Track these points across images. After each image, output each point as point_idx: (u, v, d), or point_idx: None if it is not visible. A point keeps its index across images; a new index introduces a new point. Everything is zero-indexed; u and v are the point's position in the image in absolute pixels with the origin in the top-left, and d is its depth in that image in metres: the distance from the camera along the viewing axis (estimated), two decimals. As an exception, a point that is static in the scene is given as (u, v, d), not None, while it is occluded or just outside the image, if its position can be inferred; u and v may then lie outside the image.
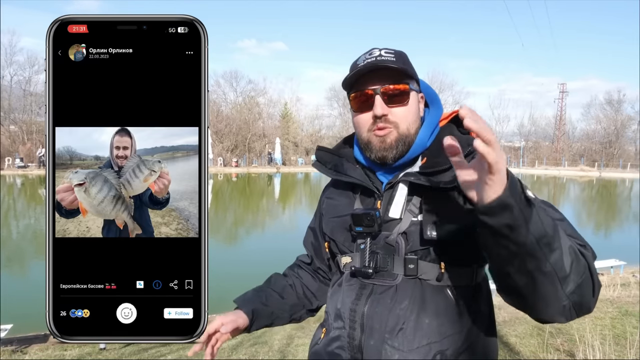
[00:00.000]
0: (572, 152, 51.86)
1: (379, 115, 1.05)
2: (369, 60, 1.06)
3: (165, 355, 4.76)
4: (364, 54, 1.10)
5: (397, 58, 1.07)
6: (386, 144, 1.07)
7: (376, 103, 1.06)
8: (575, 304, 0.84)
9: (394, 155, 1.08)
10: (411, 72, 1.08)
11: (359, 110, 1.10)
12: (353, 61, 1.12)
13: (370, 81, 1.07)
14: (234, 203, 21.59)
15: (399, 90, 1.07)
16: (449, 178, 1.02)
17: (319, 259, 1.33)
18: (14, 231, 14.03)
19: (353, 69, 1.09)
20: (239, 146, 41.82)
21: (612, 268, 8.70)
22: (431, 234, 0.99)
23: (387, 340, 1.00)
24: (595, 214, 20.51)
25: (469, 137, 1.10)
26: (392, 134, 1.07)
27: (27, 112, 36.30)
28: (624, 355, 3.56)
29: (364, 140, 1.11)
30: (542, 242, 0.77)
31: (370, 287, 1.06)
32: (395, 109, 1.07)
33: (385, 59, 1.05)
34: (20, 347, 5.37)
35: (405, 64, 1.08)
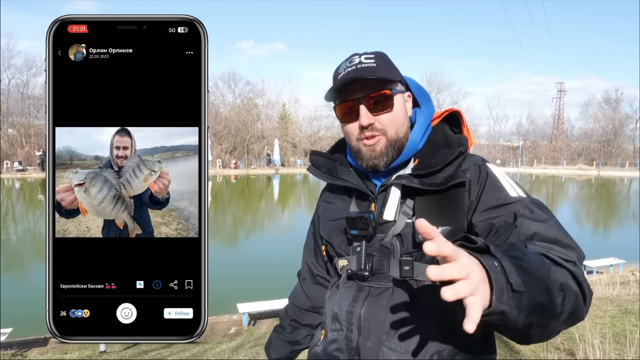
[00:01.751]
0: (571, 151, 51.94)
1: (365, 125, 1.05)
2: (350, 68, 1.06)
3: (166, 357, 4.75)
4: (344, 61, 1.10)
5: (377, 63, 1.06)
6: (376, 152, 1.07)
7: (361, 113, 1.05)
8: (569, 323, 0.85)
9: (385, 162, 1.08)
10: (392, 76, 1.08)
11: (345, 121, 1.10)
12: (335, 69, 1.12)
13: (353, 90, 1.06)
14: (233, 205, 21.57)
15: (383, 96, 1.06)
16: (441, 179, 1.02)
17: (319, 264, 1.33)
18: (12, 235, 13.99)
19: (335, 78, 1.09)
20: (238, 148, 41.80)
21: (612, 266, 8.72)
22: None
23: (385, 342, 1.00)
24: (594, 213, 20.54)
25: (461, 137, 1.11)
26: (380, 141, 1.07)
27: (25, 116, 36.21)
28: (624, 353, 3.56)
29: (354, 149, 1.11)
30: (535, 312, 0.75)
31: (367, 289, 1.07)
32: (381, 116, 1.06)
33: (365, 67, 1.05)
34: (20, 350, 5.35)
35: (386, 67, 1.08)
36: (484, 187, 1.02)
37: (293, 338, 1.36)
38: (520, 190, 1.03)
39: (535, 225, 0.93)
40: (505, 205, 0.98)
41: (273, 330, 1.42)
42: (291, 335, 1.36)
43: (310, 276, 1.36)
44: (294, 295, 1.40)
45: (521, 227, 0.93)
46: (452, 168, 1.04)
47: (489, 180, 1.03)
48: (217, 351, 4.88)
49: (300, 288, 1.38)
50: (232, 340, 5.42)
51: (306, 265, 1.37)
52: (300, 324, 1.35)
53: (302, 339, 1.36)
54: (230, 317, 6.58)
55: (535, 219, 0.94)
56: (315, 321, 1.35)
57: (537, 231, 0.92)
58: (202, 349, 5.06)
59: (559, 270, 0.83)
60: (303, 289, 1.37)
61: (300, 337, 1.36)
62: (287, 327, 1.37)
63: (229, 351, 4.77)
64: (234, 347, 4.89)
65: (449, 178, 1.02)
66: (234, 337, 5.66)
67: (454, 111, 1.17)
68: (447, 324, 0.98)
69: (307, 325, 1.35)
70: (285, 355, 1.36)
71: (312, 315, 1.35)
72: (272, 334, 1.41)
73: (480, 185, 1.03)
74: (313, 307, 1.34)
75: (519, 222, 0.93)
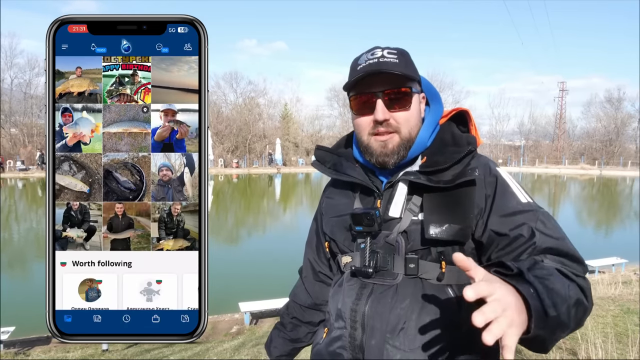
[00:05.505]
0: (573, 151, 51.84)
1: (380, 120, 1.03)
2: (372, 60, 1.04)
3: (168, 356, 4.76)
4: (365, 52, 1.07)
5: (399, 59, 1.04)
6: (387, 150, 1.06)
7: (377, 107, 1.03)
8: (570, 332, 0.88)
9: (395, 160, 1.06)
10: (413, 75, 1.05)
11: (360, 113, 1.08)
12: (354, 58, 1.09)
13: (372, 83, 1.04)
14: (235, 204, 21.59)
15: (402, 93, 1.04)
16: (449, 177, 1.01)
17: (321, 261, 1.32)
18: (15, 234, 14.03)
19: (354, 68, 1.07)
20: (240, 147, 41.83)
21: (614, 266, 8.70)
22: (432, 233, 0.98)
23: (389, 340, 1.00)
24: (597, 213, 20.49)
25: (469, 136, 1.10)
26: (393, 139, 1.05)
27: (27, 115, 36.33)
28: (626, 353, 3.55)
29: (364, 143, 1.09)
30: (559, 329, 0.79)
31: (371, 286, 1.06)
32: (397, 114, 1.04)
33: (387, 61, 1.02)
34: (22, 349, 5.37)
35: (407, 65, 1.05)
36: (495, 190, 1.02)
37: (294, 336, 1.35)
38: (525, 194, 1.03)
39: (549, 240, 0.94)
40: (519, 214, 0.98)
41: (273, 327, 1.41)
42: (292, 332, 1.36)
43: (312, 273, 1.35)
44: (295, 292, 1.40)
45: (537, 240, 0.94)
46: (460, 166, 1.04)
47: (500, 185, 1.03)
48: (219, 350, 4.89)
49: (302, 285, 1.37)
50: (233, 339, 5.43)
51: (308, 262, 1.36)
52: (302, 321, 1.35)
53: (304, 336, 1.36)
54: (232, 316, 6.59)
55: (549, 234, 0.95)
56: (316, 319, 1.34)
57: (551, 246, 0.93)
58: (204, 348, 5.07)
59: (572, 287, 0.85)
60: (304, 286, 1.36)
61: (301, 334, 1.35)
62: (288, 324, 1.36)
63: (230, 350, 4.78)
64: (236, 346, 4.90)
65: (458, 176, 1.01)
66: (236, 336, 5.67)
67: (461, 110, 1.16)
68: (451, 322, 0.99)
69: (308, 322, 1.35)
70: (286, 353, 1.36)
71: (313, 313, 1.34)
72: (273, 331, 1.40)
73: (491, 188, 1.02)
74: (314, 305, 1.34)
75: (537, 237, 0.94)
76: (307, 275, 1.36)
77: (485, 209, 1.01)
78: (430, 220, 1.00)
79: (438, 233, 0.98)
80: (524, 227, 0.96)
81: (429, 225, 0.99)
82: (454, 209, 1.00)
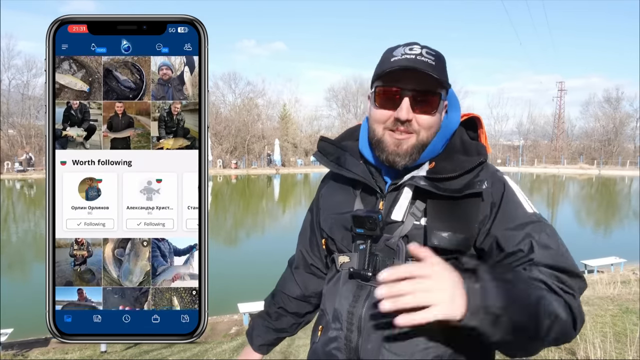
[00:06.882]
0: (571, 150, 51.87)
1: (403, 119, 0.99)
2: (408, 56, 0.99)
3: (167, 357, 4.75)
4: (403, 46, 1.03)
5: (436, 62, 1.00)
6: (401, 150, 1.02)
7: (402, 105, 0.99)
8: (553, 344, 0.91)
9: (406, 162, 1.03)
10: (446, 81, 1.02)
11: (382, 106, 1.03)
12: (388, 48, 1.05)
13: (403, 79, 0.99)
14: (234, 204, 21.57)
15: (430, 97, 1.01)
16: (457, 186, 0.99)
17: (314, 254, 1.30)
18: (13, 235, 14.00)
19: (387, 59, 1.02)
20: (238, 148, 41.78)
21: (613, 265, 8.71)
22: (436, 241, 0.97)
23: (385, 344, 0.99)
24: (595, 212, 20.52)
25: (479, 145, 1.08)
26: (410, 140, 1.02)
27: (25, 116, 36.22)
28: (624, 352, 3.56)
29: (377, 137, 1.05)
30: (514, 333, 0.83)
31: (368, 288, 1.04)
32: (421, 116, 1.01)
33: (425, 61, 0.98)
34: (20, 351, 5.36)
35: (442, 71, 1.02)
36: (501, 199, 1.01)
37: (278, 325, 1.34)
38: (531, 204, 1.03)
39: (548, 255, 0.94)
40: (524, 225, 0.97)
41: (257, 316, 1.39)
42: (276, 322, 1.34)
43: (303, 265, 1.33)
44: (284, 283, 1.37)
45: (535, 256, 0.94)
46: (469, 176, 1.02)
47: (507, 194, 1.02)
48: (218, 351, 4.89)
49: (291, 275, 1.35)
50: (233, 340, 5.42)
51: (300, 254, 1.34)
52: (287, 311, 1.33)
53: (288, 327, 1.34)
54: (231, 317, 6.58)
55: (549, 248, 0.95)
56: (302, 310, 1.33)
57: (549, 262, 0.93)
58: (203, 348, 5.06)
59: (553, 299, 0.88)
60: (294, 277, 1.34)
61: (285, 324, 1.34)
62: (273, 314, 1.35)
63: (229, 351, 4.77)
64: (235, 347, 4.90)
65: (466, 186, 0.99)
66: (235, 337, 5.67)
67: (473, 116, 1.14)
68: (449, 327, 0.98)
69: (294, 313, 1.33)
70: (269, 342, 1.35)
71: (299, 304, 1.33)
72: (256, 319, 1.38)
73: (498, 197, 1.01)
74: (303, 296, 1.32)
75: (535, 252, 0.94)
76: (297, 266, 1.35)
77: (489, 217, 1.00)
78: (434, 227, 0.98)
79: (441, 241, 0.97)
80: (526, 240, 0.95)
81: (432, 233, 0.98)
82: (459, 219, 0.98)
